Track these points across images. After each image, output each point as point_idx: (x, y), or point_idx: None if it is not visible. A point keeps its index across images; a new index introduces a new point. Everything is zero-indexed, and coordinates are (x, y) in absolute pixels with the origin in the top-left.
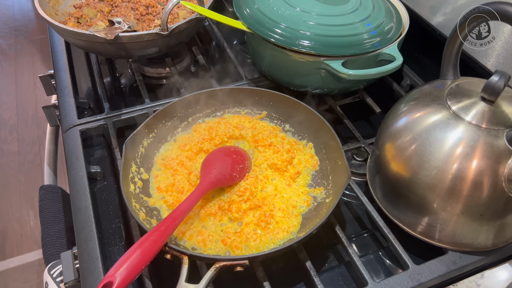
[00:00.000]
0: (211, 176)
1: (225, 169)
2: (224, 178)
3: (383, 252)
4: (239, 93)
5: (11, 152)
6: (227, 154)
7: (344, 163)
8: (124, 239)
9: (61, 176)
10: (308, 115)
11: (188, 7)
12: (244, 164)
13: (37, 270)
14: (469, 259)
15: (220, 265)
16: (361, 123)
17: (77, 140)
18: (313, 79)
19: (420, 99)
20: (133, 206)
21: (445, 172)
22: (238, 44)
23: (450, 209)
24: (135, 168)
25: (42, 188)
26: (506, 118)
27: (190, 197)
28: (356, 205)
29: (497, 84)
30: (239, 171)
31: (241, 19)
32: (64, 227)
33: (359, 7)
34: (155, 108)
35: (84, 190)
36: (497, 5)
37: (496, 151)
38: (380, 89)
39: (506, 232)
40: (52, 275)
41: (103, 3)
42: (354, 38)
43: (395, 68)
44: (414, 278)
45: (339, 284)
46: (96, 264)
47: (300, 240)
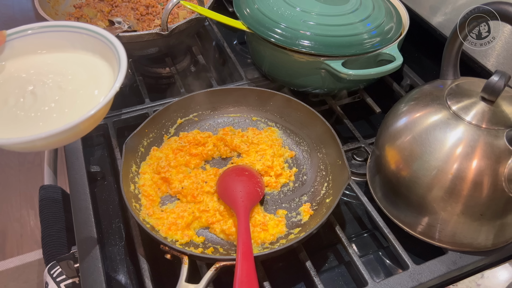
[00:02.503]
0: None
1: (249, 187)
2: (253, 196)
3: (383, 252)
4: (239, 93)
5: (11, 152)
6: (240, 174)
7: (344, 163)
8: (124, 239)
9: (61, 176)
10: (308, 115)
11: (188, 7)
12: (259, 177)
13: (37, 270)
14: (469, 259)
15: (220, 265)
16: (361, 123)
17: (77, 140)
18: (313, 79)
19: (420, 99)
20: (133, 206)
21: (445, 172)
22: (238, 44)
23: (450, 209)
24: (135, 168)
25: (42, 188)
26: (506, 118)
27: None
28: (356, 205)
29: (497, 84)
30: (260, 186)
31: (241, 19)
32: (64, 227)
33: (359, 7)
34: (155, 108)
35: (84, 190)
36: (497, 5)
37: (496, 151)
38: (380, 89)
39: (506, 232)
40: (52, 275)
41: (103, 3)
42: (354, 38)
43: (395, 68)
44: (414, 278)
45: (339, 284)
46: (96, 264)
47: (300, 240)
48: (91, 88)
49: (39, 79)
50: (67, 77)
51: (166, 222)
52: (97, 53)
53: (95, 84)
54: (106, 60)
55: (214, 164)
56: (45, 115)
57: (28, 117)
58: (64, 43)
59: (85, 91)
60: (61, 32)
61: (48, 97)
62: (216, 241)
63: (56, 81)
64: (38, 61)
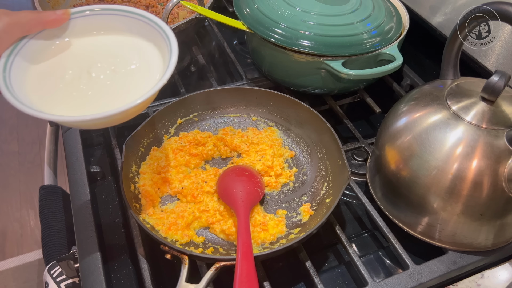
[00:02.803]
0: (243, 199)
1: (249, 187)
2: (253, 196)
3: (383, 252)
4: (239, 93)
5: (11, 152)
6: (240, 174)
7: (344, 163)
8: (124, 239)
9: (61, 176)
10: (308, 115)
11: (188, 7)
12: (259, 177)
13: (37, 270)
14: (469, 259)
15: (220, 265)
16: (361, 123)
17: (77, 140)
18: (313, 79)
19: (420, 99)
20: (133, 206)
21: (445, 172)
22: (238, 44)
23: (450, 209)
24: (135, 168)
25: (42, 188)
26: (506, 118)
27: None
28: (356, 205)
29: (497, 84)
30: (260, 186)
31: (241, 19)
32: (64, 227)
33: (359, 7)
34: (155, 108)
35: (84, 190)
36: (497, 5)
37: (496, 151)
38: (380, 89)
39: (506, 232)
40: (52, 275)
41: (103, 3)
42: (354, 38)
43: (395, 68)
44: (414, 278)
45: (339, 284)
46: (96, 264)
47: (300, 240)
48: (142, 74)
49: (96, 59)
50: (122, 60)
51: (166, 222)
52: (151, 41)
53: (146, 70)
54: (158, 49)
55: (214, 164)
56: (98, 95)
57: (82, 96)
58: (122, 26)
59: (136, 76)
60: (119, 16)
61: (102, 78)
62: (216, 241)
63: (111, 63)
64: (97, 42)
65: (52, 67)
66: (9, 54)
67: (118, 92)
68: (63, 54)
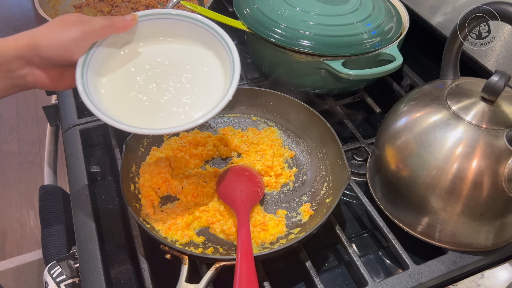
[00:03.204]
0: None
1: (249, 187)
2: (253, 196)
3: (383, 252)
4: (240, 93)
5: (11, 152)
6: (240, 174)
7: (344, 163)
8: (124, 239)
9: (61, 176)
10: (308, 115)
11: (188, 7)
12: (259, 178)
13: (37, 270)
14: (469, 259)
15: (220, 265)
16: (361, 123)
17: (77, 140)
18: (313, 79)
19: (420, 99)
20: (133, 206)
21: (445, 172)
22: (238, 44)
23: (450, 209)
24: (135, 168)
25: (42, 188)
26: (506, 118)
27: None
28: (356, 205)
29: (497, 84)
30: (260, 186)
31: (241, 19)
32: (64, 227)
33: (359, 7)
34: None
35: (84, 190)
36: (497, 5)
37: (496, 151)
38: (380, 89)
39: (506, 232)
40: (52, 275)
41: (103, 3)
42: (354, 38)
43: (395, 68)
44: (414, 278)
45: (339, 284)
46: (96, 264)
47: (300, 240)
48: (205, 86)
49: (162, 68)
50: (187, 70)
51: (166, 222)
52: (211, 49)
53: (209, 82)
54: (218, 58)
55: (214, 164)
56: (165, 106)
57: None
58: (184, 32)
59: (200, 88)
60: (179, 21)
61: (168, 88)
62: (216, 241)
63: (177, 74)
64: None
65: (122, 74)
66: (83, 62)
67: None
68: (132, 61)
